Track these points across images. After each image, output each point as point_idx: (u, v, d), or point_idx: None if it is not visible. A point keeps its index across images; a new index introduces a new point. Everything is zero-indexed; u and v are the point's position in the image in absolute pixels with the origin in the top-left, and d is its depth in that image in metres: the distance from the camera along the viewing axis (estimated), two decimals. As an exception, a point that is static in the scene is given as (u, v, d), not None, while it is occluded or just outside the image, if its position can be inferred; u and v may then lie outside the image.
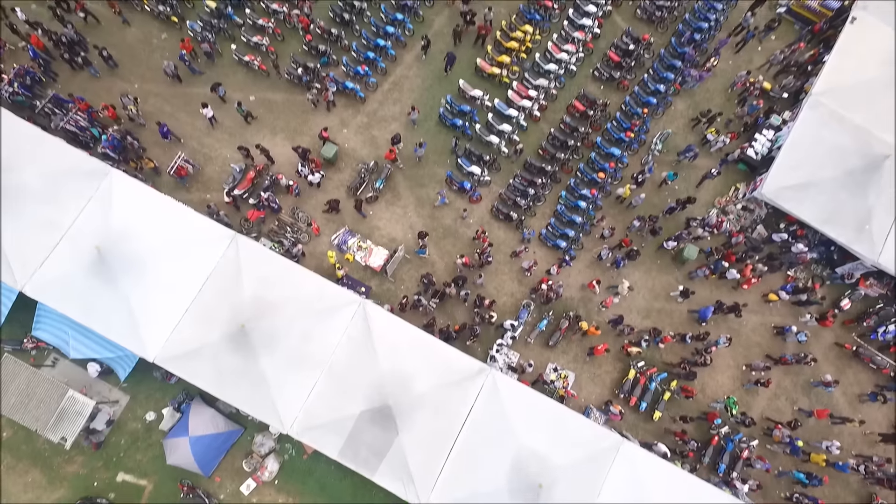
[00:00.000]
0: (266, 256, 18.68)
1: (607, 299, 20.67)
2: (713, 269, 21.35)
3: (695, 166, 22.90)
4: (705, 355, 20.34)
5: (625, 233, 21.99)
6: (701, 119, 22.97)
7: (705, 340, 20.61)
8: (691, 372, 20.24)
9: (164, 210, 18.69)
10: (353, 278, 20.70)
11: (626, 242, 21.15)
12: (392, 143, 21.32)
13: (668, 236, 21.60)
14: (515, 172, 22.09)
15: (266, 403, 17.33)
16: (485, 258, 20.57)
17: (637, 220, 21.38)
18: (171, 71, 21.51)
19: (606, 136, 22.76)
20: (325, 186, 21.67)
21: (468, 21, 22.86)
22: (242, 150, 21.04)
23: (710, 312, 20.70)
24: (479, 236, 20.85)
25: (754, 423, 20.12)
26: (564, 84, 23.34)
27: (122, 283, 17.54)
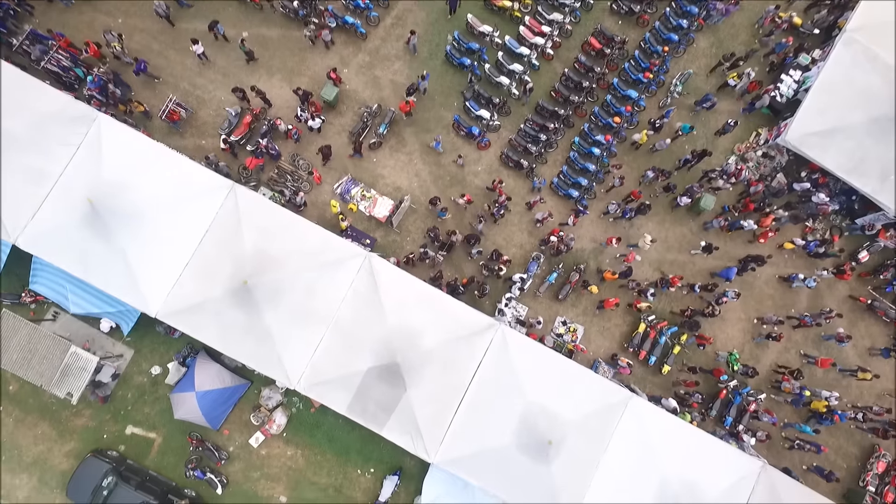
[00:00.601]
0: (266, 207, 17.88)
1: (628, 255, 20.00)
2: (731, 227, 20.59)
3: (716, 111, 21.62)
4: (714, 306, 19.95)
5: (637, 183, 21.02)
6: (723, 63, 21.44)
7: (714, 291, 20.17)
8: (695, 321, 19.90)
9: (157, 158, 17.69)
10: (358, 229, 20.00)
11: (636, 195, 20.24)
12: (407, 93, 20.02)
13: (682, 192, 20.61)
14: (526, 116, 20.91)
15: (272, 359, 17.07)
16: (497, 212, 19.75)
17: (651, 170, 20.38)
18: (162, 11, 19.89)
19: (623, 77, 21.40)
20: (326, 132, 20.55)
21: None
22: (238, 91, 19.77)
23: (733, 273, 20.09)
24: (496, 187, 19.91)
25: (757, 374, 19.99)
26: (580, 18, 21.68)
27: (118, 237, 16.86)
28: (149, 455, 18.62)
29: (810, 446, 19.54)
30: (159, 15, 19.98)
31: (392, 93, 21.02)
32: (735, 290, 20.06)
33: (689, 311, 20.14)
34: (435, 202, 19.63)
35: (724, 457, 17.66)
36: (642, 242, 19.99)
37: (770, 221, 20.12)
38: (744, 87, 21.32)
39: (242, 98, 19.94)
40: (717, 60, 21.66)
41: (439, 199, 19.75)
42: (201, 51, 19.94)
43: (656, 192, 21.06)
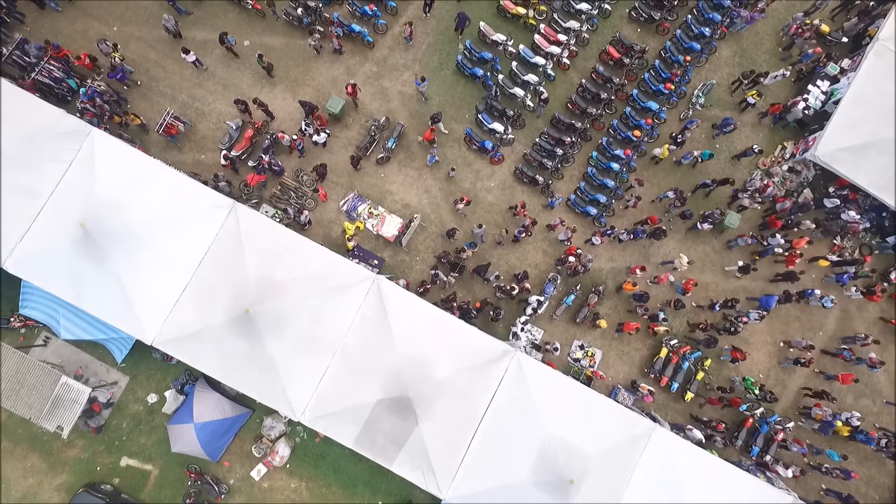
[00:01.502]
0: (269, 228, 16.90)
1: (661, 276, 19.00)
2: (763, 255, 19.61)
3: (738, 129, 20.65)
4: (736, 323, 18.94)
5: (654, 201, 20.06)
6: (743, 81, 20.41)
7: (735, 308, 19.17)
8: (711, 338, 18.87)
9: (153, 175, 16.75)
10: (365, 249, 19.03)
11: (654, 220, 19.24)
12: (432, 121, 19.10)
13: (701, 217, 19.56)
14: (542, 130, 19.91)
15: (275, 389, 16.11)
16: (519, 235, 18.81)
17: (672, 191, 19.36)
18: (171, 27, 18.95)
19: (643, 88, 20.41)
20: (332, 145, 19.58)
21: None
22: (239, 104, 18.79)
23: (773, 302, 19.01)
24: (520, 211, 18.97)
25: (776, 399, 18.95)
26: (597, 26, 20.69)
27: (112, 260, 15.90)
28: (145, 489, 17.65)
29: (838, 473, 18.53)
30: (168, 31, 19.03)
31: (401, 104, 20.04)
32: (759, 311, 19.06)
33: (705, 324, 19.10)
34: (452, 234, 18.72)
35: (752, 492, 16.67)
36: (678, 263, 18.96)
37: (804, 244, 19.09)
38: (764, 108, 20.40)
39: (244, 111, 18.97)
40: (737, 77, 20.63)
41: (457, 231, 18.83)
42: (193, 58, 18.97)
43: (671, 220, 19.99)
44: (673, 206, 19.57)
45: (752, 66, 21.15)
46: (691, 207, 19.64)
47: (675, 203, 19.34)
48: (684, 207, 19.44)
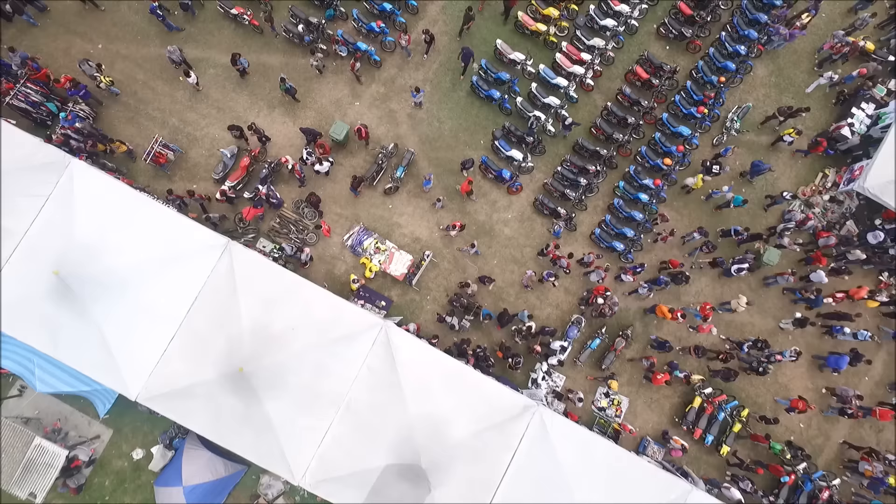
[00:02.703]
0: (266, 270, 15.28)
1: (703, 325, 17.43)
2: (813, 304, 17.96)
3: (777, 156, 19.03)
4: (765, 364, 17.33)
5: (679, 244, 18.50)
6: (778, 117, 18.74)
7: (766, 350, 17.51)
8: (731, 370, 17.20)
9: (138, 211, 15.13)
10: (371, 289, 17.42)
11: (675, 264, 17.64)
12: (463, 168, 17.74)
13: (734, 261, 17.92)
14: (563, 157, 18.29)
15: (273, 451, 14.49)
16: (547, 277, 17.32)
17: (698, 231, 17.76)
18: (176, 57, 17.39)
19: (673, 111, 18.79)
20: (335, 174, 17.98)
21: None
22: (234, 129, 17.20)
23: (845, 363, 17.32)
24: (551, 253, 17.43)
25: (809, 457, 17.29)
26: (623, 44, 19.06)
27: (92, 310, 14.28)
28: (130, 555, 16.12)
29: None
30: (173, 62, 17.47)
31: (410, 129, 18.44)
32: (795, 348, 17.43)
33: (723, 356, 17.47)
34: (505, 319, 17.08)
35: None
36: (736, 304, 17.38)
37: (864, 293, 17.44)
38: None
39: (239, 136, 17.36)
40: (773, 113, 18.98)
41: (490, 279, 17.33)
42: (195, 80, 17.42)
43: (700, 265, 18.39)
44: (699, 250, 17.96)
45: (788, 84, 19.59)
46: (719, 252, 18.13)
47: (702, 248, 17.74)
48: (714, 254, 17.84)
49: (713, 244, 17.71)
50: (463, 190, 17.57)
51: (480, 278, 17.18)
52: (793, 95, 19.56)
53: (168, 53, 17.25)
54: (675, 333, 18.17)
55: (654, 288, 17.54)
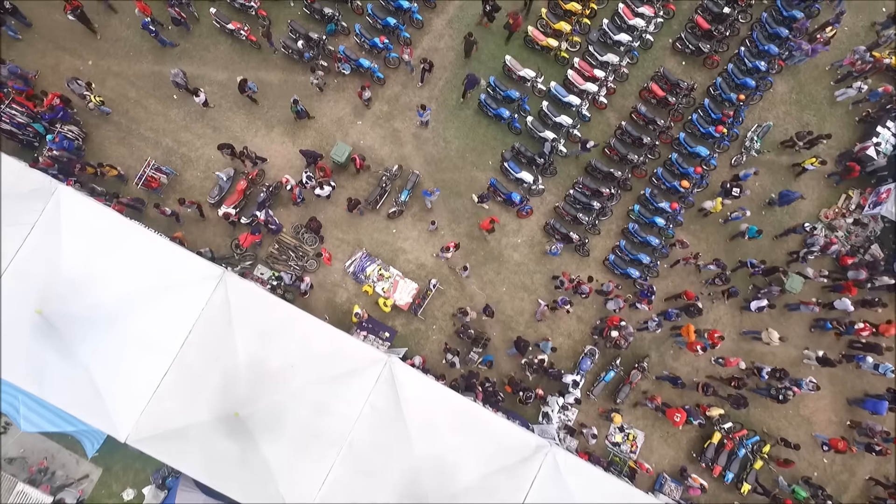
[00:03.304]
0: (263, 302, 14.45)
1: (731, 359, 16.58)
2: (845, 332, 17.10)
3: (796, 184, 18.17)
4: (784, 392, 16.49)
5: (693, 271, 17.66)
6: (797, 143, 17.89)
7: (785, 379, 16.63)
8: (741, 397, 16.34)
9: (128, 241, 14.31)
10: (374, 319, 16.58)
11: (690, 296, 16.80)
12: (481, 200, 16.90)
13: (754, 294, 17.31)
14: (576, 179, 17.45)
15: (270, 492, 13.71)
16: (561, 304, 16.44)
17: (715, 263, 16.93)
18: (181, 80, 16.56)
19: (690, 130, 17.96)
20: (336, 197, 17.13)
21: (488, 11, 17.24)
22: (226, 148, 16.29)
23: (884, 408, 16.53)
24: (568, 285, 16.71)
25: (831, 498, 16.46)
26: (638, 59, 18.21)
27: (79, 348, 13.46)
28: None
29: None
30: (178, 86, 16.65)
31: (415, 149, 17.61)
32: (812, 379, 16.58)
33: (735, 382, 16.65)
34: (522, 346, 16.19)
35: None
36: (767, 337, 16.55)
37: (894, 331, 16.60)
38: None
39: (232, 156, 16.42)
40: (790, 137, 18.19)
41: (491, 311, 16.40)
42: (203, 99, 16.65)
43: (712, 297, 17.57)
44: (713, 282, 17.14)
45: (810, 101, 18.76)
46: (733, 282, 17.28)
47: (716, 280, 16.91)
48: (728, 285, 16.98)
49: (727, 276, 16.80)
50: (484, 228, 16.66)
51: (484, 308, 16.31)
52: (814, 112, 18.73)
53: (172, 77, 16.43)
54: (692, 363, 17.36)
55: (665, 322, 16.63)
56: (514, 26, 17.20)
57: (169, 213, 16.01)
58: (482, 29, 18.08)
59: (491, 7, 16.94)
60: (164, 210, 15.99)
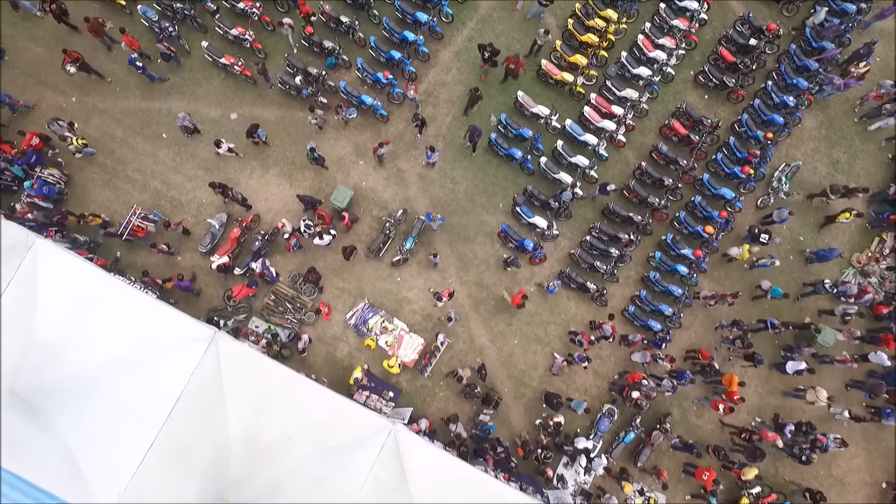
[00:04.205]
0: (258, 366, 13.38)
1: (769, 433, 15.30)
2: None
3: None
4: (808, 454, 15.34)
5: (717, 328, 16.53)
6: (830, 196, 16.62)
7: (810, 435, 15.47)
8: (758, 450, 15.10)
9: (111, 299, 13.25)
10: (377, 377, 15.46)
11: (705, 355, 15.65)
12: (505, 265, 15.95)
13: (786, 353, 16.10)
14: (592, 224, 16.34)
15: (267, 577, 12.66)
16: (578, 360, 15.29)
17: (735, 325, 15.81)
18: (188, 122, 15.53)
19: (713, 168, 16.84)
20: (337, 242, 15.94)
21: (488, 58, 16.06)
22: (217, 188, 15.21)
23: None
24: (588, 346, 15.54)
25: None
26: (658, 94, 17.09)
27: (56, 422, 12.39)
28: None
29: None
30: (186, 130, 15.64)
31: (420, 191, 16.50)
32: (838, 436, 15.44)
33: (746, 434, 15.54)
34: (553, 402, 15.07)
35: None
36: (813, 396, 15.46)
37: None
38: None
39: (223, 195, 15.26)
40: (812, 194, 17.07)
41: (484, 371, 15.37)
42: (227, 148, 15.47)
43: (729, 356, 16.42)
44: (731, 343, 15.97)
45: (840, 137, 17.64)
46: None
47: (736, 341, 15.75)
48: (748, 348, 15.76)
49: (748, 340, 15.62)
50: (514, 303, 15.45)
51: (478, 369, 15.22)
52: (845, 149, 17.61)
53: (179, 121, 15.39)
54: (716, 421, 16.24)
55: (678, 384, 15.47)
56: (516, 70, 16.06)
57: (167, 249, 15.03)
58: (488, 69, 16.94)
59: (490, 53, 15.77)
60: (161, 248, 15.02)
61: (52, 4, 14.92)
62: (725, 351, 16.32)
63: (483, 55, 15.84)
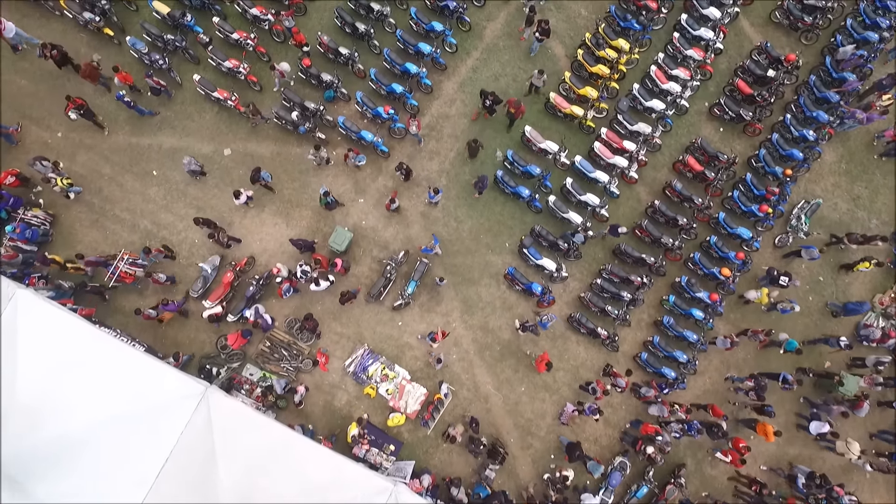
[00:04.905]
0: (251, 423, 12.67)
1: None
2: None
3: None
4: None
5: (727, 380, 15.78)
6: (848, 245, 15.99)
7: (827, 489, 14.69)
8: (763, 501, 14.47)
9: (96, 352, 12.53)
10: (377, 429, 14.72)
11: (717, 413, 14.85)
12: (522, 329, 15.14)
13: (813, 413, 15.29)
14: (603, 265, 15.59)
15: None
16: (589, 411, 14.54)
17: (753, 378, 14.98)
18: (196, 167, 14.86)
19: (729, 206, 16.11)
20: (336, 285, 15.22)
21: (489, 106, 15.24)
22: (204, 225, 14.51)
23: None
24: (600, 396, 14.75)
25: None
26: (671, 127, 16.34)
27: (36, 490, 11.70)
28: None
29: None
30: (193, 174, 14.94)
31: (422, 230, 15.76)
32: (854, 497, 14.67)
33: (756, 487, 14.76)
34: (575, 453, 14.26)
35: None
36: (843, 449, 14.75)
37: None
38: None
39: (212, 232, 14.47)
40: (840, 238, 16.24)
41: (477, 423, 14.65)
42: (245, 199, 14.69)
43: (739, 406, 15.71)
44: (745, 393, 15.21)
45: (861, 171, 16.91)
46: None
47: (749, 393, 15.00)
48: (761, 403, 14.97)
49: (762, 395, 14.86)
50: (540, 369, 14.71)
51: (469, 422, 14.53)
52: (866, 184, 16.88)
53: (185, 166, 14.71)
54: (731, 471, 15.52)
55: (686, 434, 14.72)
56: (517, 114, 15.32)
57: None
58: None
59: (491, 102, 15.01)
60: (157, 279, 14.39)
61: (52, 51, 14.19)
62: (737, 401, 15.56)
63: (484, 103, 15.07)
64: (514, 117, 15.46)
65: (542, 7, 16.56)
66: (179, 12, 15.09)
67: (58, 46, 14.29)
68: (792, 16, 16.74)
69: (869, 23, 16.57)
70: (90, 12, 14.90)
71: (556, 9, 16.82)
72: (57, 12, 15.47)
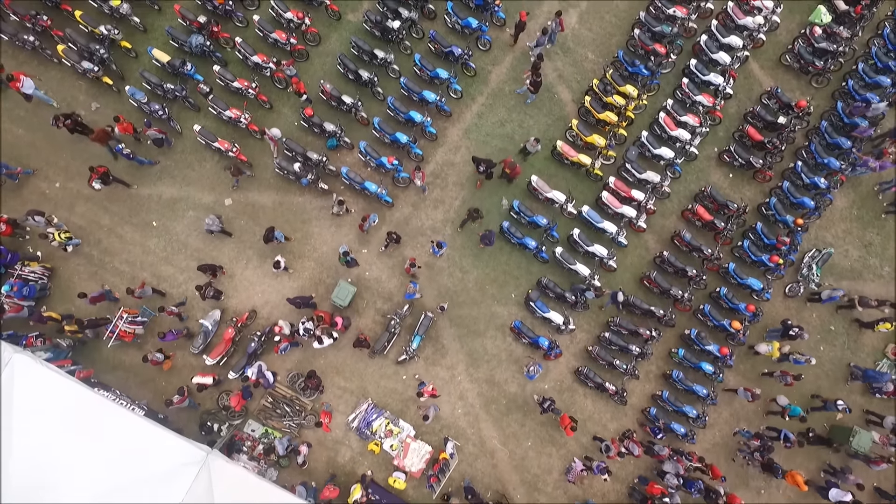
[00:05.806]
0: (253, 491, 12.48)
1: None
2: None
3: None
4: None
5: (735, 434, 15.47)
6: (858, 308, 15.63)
7: None
8: None
9: (94, 420, 12.27)
10: (381, 487, 14.44)
11: (716, 474, 14.54)
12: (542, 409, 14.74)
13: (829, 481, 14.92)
14: (611, 318, 15.30)
15: None
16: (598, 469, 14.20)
17: (758, 438, 14.73)
18: (216, 227, 14.61)
19: (739, 254, 15.81)
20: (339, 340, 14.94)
21: (483, 171, 14.90)
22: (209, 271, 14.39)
23: None
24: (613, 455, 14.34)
25: None
26: (681, 174, 16.05)
27: (33, 565, 11.43)
28: None
29: None
30: (211, 232, 14.68)
31: (427, 281, 15.48)
32: None
33: None
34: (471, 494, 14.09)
35: None
36: None
37: None
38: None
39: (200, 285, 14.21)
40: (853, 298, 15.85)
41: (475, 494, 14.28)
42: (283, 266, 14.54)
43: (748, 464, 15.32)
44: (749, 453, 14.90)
45: (873, 217, 16.63)
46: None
47: (754, 453, 14.68)
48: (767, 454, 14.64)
49: (767, 448, 14.57)
50: (569, 434, 14.22)
51: (465, 491, 14.23)
52: (878, 231, 16.58)
53: (207, 226, 14.50)
54: (742, 526, 15.22)
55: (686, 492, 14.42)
56: (512, 175, 15.06)
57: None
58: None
59: (485, 167, 14.71)
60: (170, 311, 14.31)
61: (66, 120, 13.93)
62: (742, 460, 15.27)
63: (478, 168, 14.78)
64: (510, 178, 15.19)
65: (549, 51, 16.27)
66: (179, 60, 14.81)
67: (71, 115, 14.07)
68: (803, 59, 16.45)
69: (881, 66, 16.28)
70: (89, 62, 14.64)
71: (563, 52, 16.54)
72: (55, 60, 15.19)
